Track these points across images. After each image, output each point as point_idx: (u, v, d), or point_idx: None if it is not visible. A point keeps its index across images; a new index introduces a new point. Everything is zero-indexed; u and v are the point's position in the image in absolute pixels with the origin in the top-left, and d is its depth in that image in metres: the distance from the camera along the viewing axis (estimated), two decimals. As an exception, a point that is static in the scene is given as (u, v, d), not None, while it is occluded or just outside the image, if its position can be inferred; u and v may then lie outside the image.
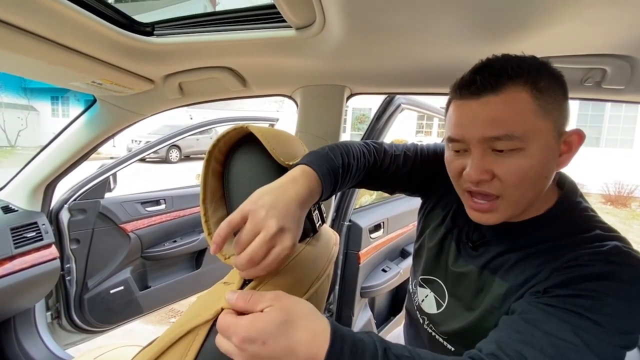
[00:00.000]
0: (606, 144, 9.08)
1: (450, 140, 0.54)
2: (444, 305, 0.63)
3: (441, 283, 0.64)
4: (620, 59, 0.70)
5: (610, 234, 0.49)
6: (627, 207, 7.81)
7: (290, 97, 1.11)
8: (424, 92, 1.05)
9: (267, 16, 0.72)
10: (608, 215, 6.87)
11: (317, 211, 0.60)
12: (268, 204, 0.42)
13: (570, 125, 0.51)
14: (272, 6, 0.67)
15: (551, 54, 0.71)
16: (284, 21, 0.67)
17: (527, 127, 0.47)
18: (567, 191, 0.56)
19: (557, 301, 0.44)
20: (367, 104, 11.16)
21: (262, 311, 0.38)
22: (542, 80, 0.48)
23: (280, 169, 0.52)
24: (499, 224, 0.55)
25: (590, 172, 8.15)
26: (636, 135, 8.84)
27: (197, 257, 2.05)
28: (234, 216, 0.42)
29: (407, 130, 10.86)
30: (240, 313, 0.39)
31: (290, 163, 0.52)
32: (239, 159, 0.52)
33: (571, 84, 0.83)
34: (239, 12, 0.75)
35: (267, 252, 0.41)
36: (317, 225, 0.59)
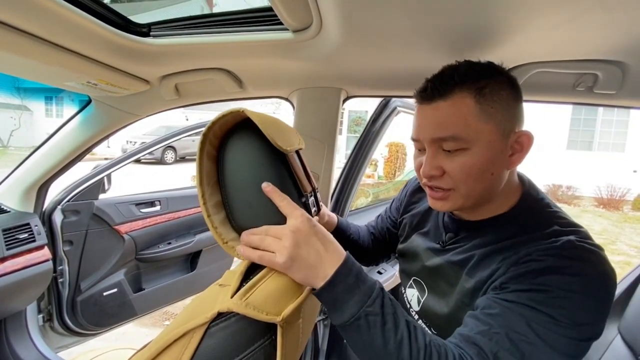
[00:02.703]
0: (598, 147, 9.19)
1: (412, 139, 0.61)
2: (422, 300, 0.67)
3: (420, 281, 0.69)
4: (611, 65, 0.71)
5: (567, 229, 0.52)
6: (619, 210, 7.91)
7: (286, 99, 1.11)
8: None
9: (264, 18, 0.72)
10: (601, 218, 6.95)
11: (312, 197, 0.59)
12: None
13: (564, 129, 0.52)
14: (269, 9, 0.67)
15: (544, 59, 0.72)
16: (281, 24, 0.67)
17: (470, 129, 0.52)
18: (527, 188, 0.60)
19: (513, 296, 0.47)
20: (363, 107, 11.19)
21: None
22: (488, 85, 0.52)
23: (276, 155, 0.51)
24: (466, 223, 0.63)
25: (583, 176, 8.25)
26: (628, 139, 8.96)
27: (192, 259, 2.03)
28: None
29: (403, 133, 10.87)
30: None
31: (288, 148, 0.52)
32: (233, 144, 0.51)
33: (564, 89, 0.85)
34: (236, 14, 0.75)
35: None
36: (313, 211, 0.58)
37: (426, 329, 0.53)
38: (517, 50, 0.68)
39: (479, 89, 0.52)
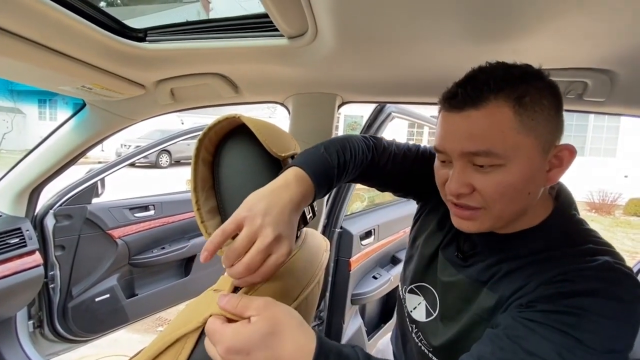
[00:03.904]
0: (590, 152, 9.33)
1: (436, 150, 0.54)
2: (434, 314, 0.62)
3: (433, 291, 0.63)
4: (600, 73, 0.73)
5: (602, 247, 0.48)
6: (611, 214, 8.01)
7: (282, 104, 1.11)
8: (415, 101, 1.07)
9: (260, 25, 0.73)
10: (593, 223, 7.03)
11: (308, 205, 0.59)
12: (263, 211, 0.42)
13: None
14: (265, 15, 0.68)
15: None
16: (277, 30, 0.68)
17: (507, 144, 0.46)
18: (562, 204, 0.54)
19: (540, 316, 0.43)
20: (358, 112, 11.26)
21: (249, 319, 0.38)
22: (528, 94, 0.46)
23: (271, 162, 0.52)
24: (490, 235, 0.55)
25: (575, 180, 8.35)
26: (619, 144, 9.12)
27: (186, 264, 2.02)
28: (229, 225, 0.41)
29: (397, 137, 10.95)
30: (230, 319, 0.40)
31: (283, 154, 0.52)
32: (229, 150, 0.51)
33: (554, 96, 0.87)
34: (232, 20, 0.75)
35: (264, 261, 0.41)
36: (309, 217, 0.57)
37: None
38: (508, 59, 0.69)
39: (518, 98, 0.45)
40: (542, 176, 0.49)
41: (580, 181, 8.39)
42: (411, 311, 0.67)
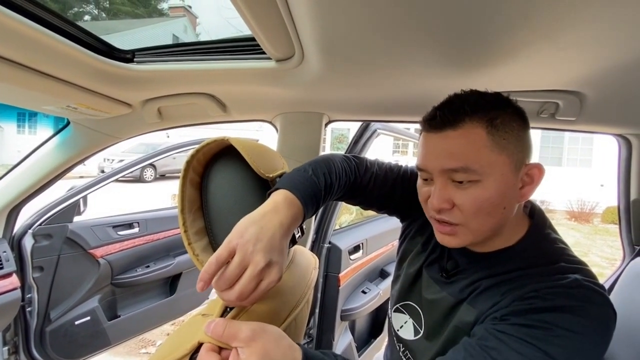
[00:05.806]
0: (567, 163, 9.70)
1: (418, 169, 0.58)
2: (421, 332, 0.64)
3: (419, 310, 0.65)
4: (570, 94, 0.78)
5: (573, 266, 0.52)
6: (590, 222, 8.28)
7: (270, 123, 1.13)
8: (398, 120, 1.11)
9: (248, 48, 0.74)
10: (573, 231, 7.24)
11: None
12: (255, 237, 0.42)
13: (535, 146, 0.54)
14: (253, 38, 0.70)
15: (511, 89, 0.78)
16: (264, 53, 0.70)
17: (482, 161, 0.50)
18: (536, 222, 0.58)
19: (511, 329, 0.46)
20: (345, 125, 11.43)
21: (237, 349, 0.39)
22: (499, 116, 0.51)
23: (260, 182, 0.52)
24: (471, 255, 0.59)
25: (554, 190, 8.64)
26: (594, 155, 9.52)
27: (172, 282, 1.97)
28: (222, 252, 0.42)
29: (384, 150, 11.16)
30: (221, 348, 0.40)
31: (271, 175, 0.53)
32: (218, 171, 0.52)
33: (529, 115, 0.90)
34: (220, 42, 0.77)
35: (256, 287, 0.42)
36: (297, 237, 0.57)
37: None
38: (486, 81, 0.73)
39: (490, 120, 0.50)
40: (515, 192, 0.53)
41: (559, 191, 8.69)
42: (398, 330, 0.68)
